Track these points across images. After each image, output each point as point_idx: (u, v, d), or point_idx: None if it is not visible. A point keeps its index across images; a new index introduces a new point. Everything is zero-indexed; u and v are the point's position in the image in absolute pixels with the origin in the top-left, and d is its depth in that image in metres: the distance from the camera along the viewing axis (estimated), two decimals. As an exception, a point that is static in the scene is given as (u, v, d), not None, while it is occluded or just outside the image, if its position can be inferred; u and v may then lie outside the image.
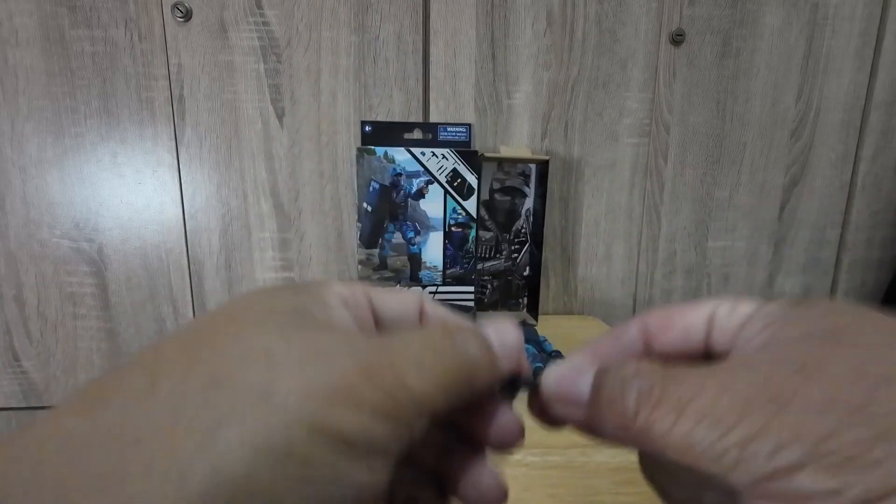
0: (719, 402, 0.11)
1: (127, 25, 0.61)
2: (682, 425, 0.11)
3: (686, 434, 0.11)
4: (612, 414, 0.13)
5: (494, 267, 0.71)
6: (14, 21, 0.60)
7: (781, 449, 0.10)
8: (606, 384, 0.13)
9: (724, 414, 0.11)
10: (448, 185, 0.63)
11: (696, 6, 0.66)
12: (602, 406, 0.13)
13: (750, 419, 0.10)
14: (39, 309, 0.66)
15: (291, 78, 0.64)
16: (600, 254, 0.72)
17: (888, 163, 0.71)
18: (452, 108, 0.66)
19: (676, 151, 0.70)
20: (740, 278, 0.74)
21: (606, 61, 0.67)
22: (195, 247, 0.67)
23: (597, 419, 0.13)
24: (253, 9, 0.62)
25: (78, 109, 0.62)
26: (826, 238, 0.74)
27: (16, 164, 0.63)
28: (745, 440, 0.10)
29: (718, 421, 0.11)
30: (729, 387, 0.11)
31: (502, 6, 0.64)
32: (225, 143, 0.65)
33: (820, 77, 0.69)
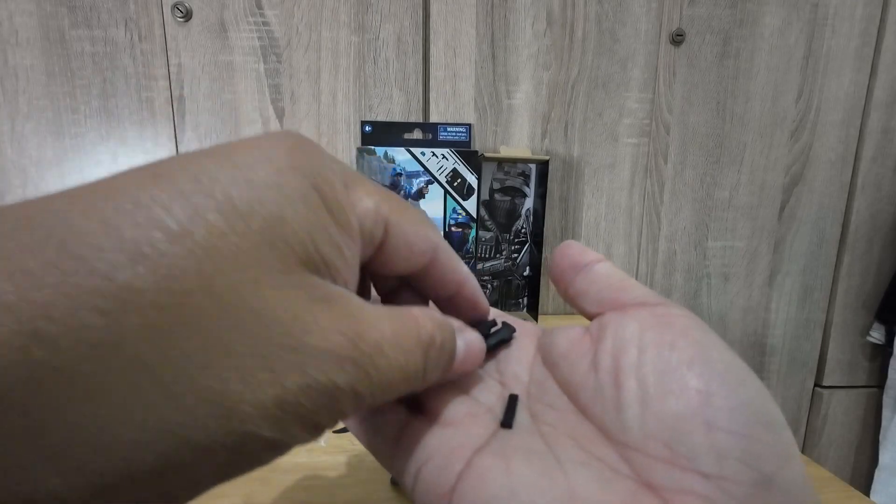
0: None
1: (127, 25, 0.61)
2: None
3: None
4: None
5: (494, 267, 0.71)
6: (14, 21, 0.60)
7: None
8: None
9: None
10: (448, 185, 0.63)
11: (696, 6, 0.66)
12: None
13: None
14: (39, 309, 0.66)
15: (291, 78, 0.64)
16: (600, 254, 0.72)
17: (888, 163, 0.71)
18: (452, 108, 0.66)
19: (676, 151, 0.70)
20: (740, 278, 0.74)
21: (606, 61, 0.67)
22: (195, 247, 0.67)
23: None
24: (253, 9, 0.62)
25: (78, 109, 0.62)
26: (826, 238, 0.74)
27: (16, 164, 0.63)
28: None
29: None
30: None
31: (502, 6, 0.64)
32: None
33: (820, 77, 0.69)
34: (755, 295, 0.75)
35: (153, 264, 0.09)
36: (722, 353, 0.14)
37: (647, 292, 0.16)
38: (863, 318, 0.76)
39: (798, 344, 0.77)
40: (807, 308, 0.76)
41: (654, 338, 0.14)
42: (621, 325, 0.15)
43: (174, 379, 0.09)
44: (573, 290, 0.18)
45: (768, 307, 0.75)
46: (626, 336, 0.15)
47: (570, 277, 0.18)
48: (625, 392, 0.14)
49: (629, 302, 0.16)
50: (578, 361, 0.16)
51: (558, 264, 0.18)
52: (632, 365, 0.14)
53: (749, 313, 0.75)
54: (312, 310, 0.11)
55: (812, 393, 0.79)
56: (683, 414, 0.13)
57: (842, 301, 0.75)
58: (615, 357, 0.15)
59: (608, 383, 0.14)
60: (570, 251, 0.18)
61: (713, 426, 0.12)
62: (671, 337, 0.14)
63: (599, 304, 0.17)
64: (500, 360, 0.19)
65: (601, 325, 0.16)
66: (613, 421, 0.14)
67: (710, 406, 0.12)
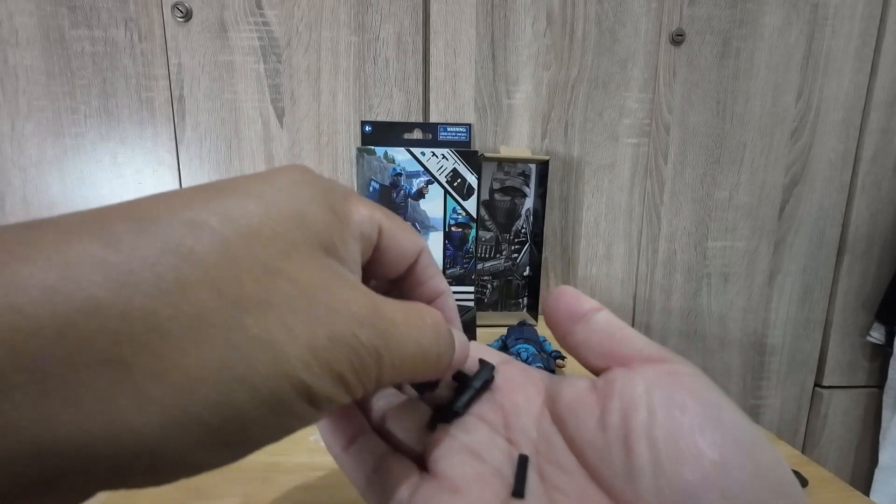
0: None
1: (127, 25, 0.61)
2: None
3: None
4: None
5: (494, 267, 0.71)
6: (14, 21, 0.60)
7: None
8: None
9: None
10: (448, 185, 0.63)
11: (696, 6, 0.66)
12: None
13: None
14: (39, 309, 0.66)
15: (291, 78, 0.64)
16: (600, 254, 0.72)
17: (888, 163, 0.71)
18: (452, 108, 0.66)
19: (676, 151, 0.70)
20: (740, 278, 0.74)
21: (606, 61, 0.67)
22: (195, 247, 0.67)
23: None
24: (253, 9, 0.62)
25: (78, 109, 0.62)
26: (826, 238, 0.74)
27: (16, 164, 0.63)
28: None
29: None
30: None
31: (502, 6, 0.64)
32: (225, 143, 0.65)
33: (820, 77, 0.69)
34: (755, 295, 0.75)
35: (209, 239, 0.12)
36: (733, 415, 0.13)
37: (650, 345, 0.16)
38: (863, 318, 0.76)
39: (798, 344, 0.77)
40: (807, 308, 0.76)
41: (663, 398, 0.14)
42: (629, 383, 0.15)
43: (231, 327, 0.11)
44: (572, 339, 0.18)
45: (768, 307, 0.75)
46: (635, 395, 0.15)
47: (569, 327, 0.18)
48: (636, 458, 0.13)
49: (634, 357, 0.16)
50: (586, 418, 0.16)
51: (555, 312, 0.18)
52: (642, 427, 0.14)
53: (749, 313, 0.75)
54: (337, 282, 0.13)
55: (812, 393, 0.79)
56: (699, 484, 0.12)
57: (842, 301, 0.75)
58: (624, 417, 0.14)
59: (618, 445, 0.14)
60: (567, 298, 0.18)
61: (730, 497, 0.12)
62: (681, 397, 0.14)
63: (602, 356, 0.17)
64: (508, 412, 0.18)
65: (607, 382, 0.16)
66: (625, 488, 0.14)
67: (726, 476, 0.12)
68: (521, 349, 0.49)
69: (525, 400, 0.18)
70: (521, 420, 0.18)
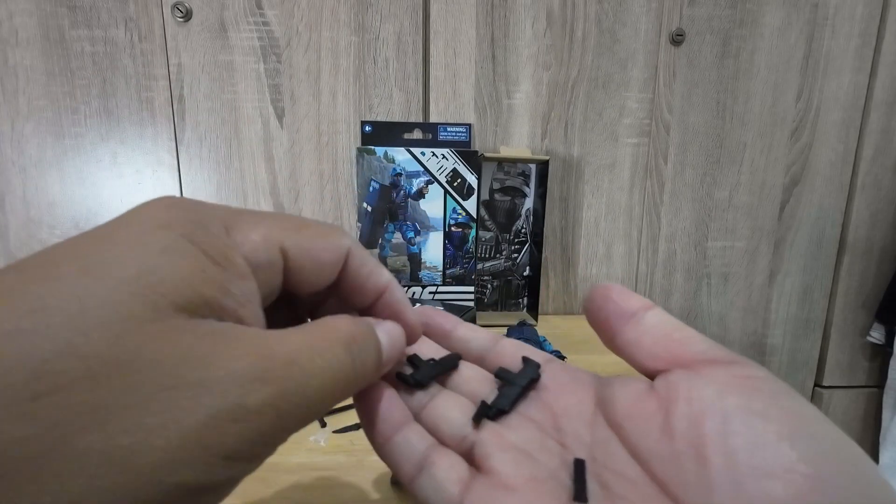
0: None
1: (127, 25, 0.61)
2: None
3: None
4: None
5: (494, 267, 0.71)
6: (14, 21, 0.60)
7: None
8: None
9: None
10: (448, 185, 0.63)
11: (696, 6, 0.66)
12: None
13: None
14: (39, 309, 0.66)
15: (291, 78, 0.64)
16: (600, 254, 0.72)
17: (888, 163, 0.71)
18: (452, 108, 0.66)
19: (676, 151, 0.70)
20: (740, 278, 0.74)
21: (606, 61, 0.67)
22: (195, 247, 0.67)
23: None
24: (253, 9, 0.62)
25: (78, 109, 0.62)
26: (826, 238, 0.74)
27: (16, 164, 0.63)
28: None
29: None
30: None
31: (502, 6, 0.64)
32: (225, 143, 0.65)
33: (820, 77, 0.69)
34: (755, 295, 0.75)
35: (19, 349, 0.09)
36: (825, 427, 0.12)
37: (712, 346, 0.15)
38: (863, 318, 0.76)
39: (798, 344, 0.77)
40: (807, 308, 0.76)
41: (739, 404, 0.13)
42: (696, 387, 0.14)
43: (65, 454, 0.09)
44: (622, 339, 0.16)
45: (768, 307, 0.75)
46: (705, 400, 0.13)
47: (618, 326, 0.17)
48: (711, 470, 0.12)
49: (696, 358, 0.15)
50: (647, 424, 0.14)
51: (601, 310, 0.17)
52: (716, 436, 0.12)
53: (749, 313, 0.75)
54: (202, 346, 0.11)
55: (812, 393, 0.79)
56: (791, 501, 0.11)
57: (842, 301, 0.75)
58: (694, 424, 0.13)
59: (688, 455, 0.13)
60: (613, 295, 0.17)
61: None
62: (761, 404, 0.12)
63: (657, 358, 0.15)
64: (557, 414, 0.17)
65: (669, 385, 0.14)
66: (699, 503, 0.12)
67: (822, 493, 0.11)
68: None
69: (576, 402, 0.17)
70: (573, 423, 0.17)
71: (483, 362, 0.20)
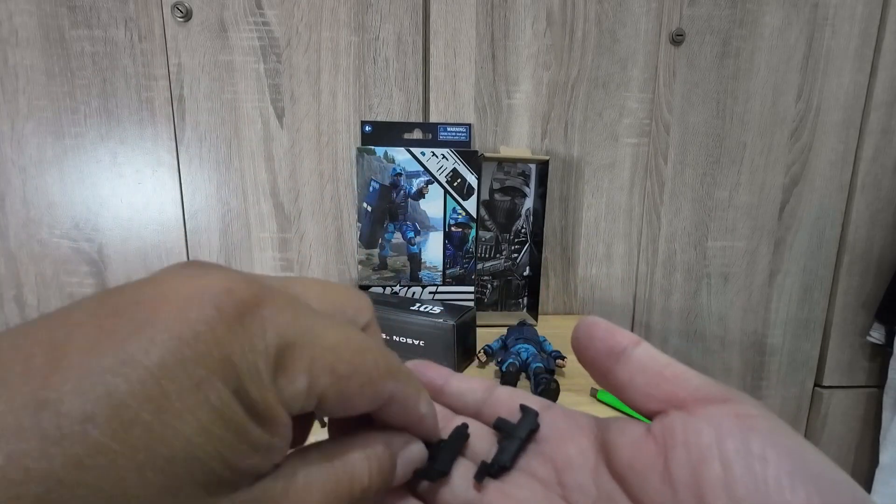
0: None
1: (127, 25, 0.61)
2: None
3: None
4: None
5: (494, 267, 0.71)
6: (14, 21, 0.60)
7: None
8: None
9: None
10: (448, 185, 0.63)
11: (696, 6, 0.66)
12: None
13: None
14: (39, 309, 0.66)
15: (291, 78, 0.64)
16: (600, 254, 0.72)
17: (888, 163, 0.71)
18: (452, 108, 0.66)
19: (676, 151, 0.70)
20: (740, 278, 0.74)
21: (606, 61, 0.67)
22: (195, 247, 0.67)
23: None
24: (253, 9, 0.62)
25: (78, 109, 0.62)
26: (826, 238, 0.74)
27: (16, 164, 0.63)
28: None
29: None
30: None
31: (502, 6, 0.64)
32: (225, 143, 0.65)
33: (820, 77, 0.69)
34: (755, 295, 0.75)
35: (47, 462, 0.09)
36: (822, 464, 0.12)
37: (706, 382, 0.15)
38: (863, 318, 0.76)
39: (798, 344, 0.77)
40: (807, 308, 0.76)
41: (737, 448, 0.12)
42: (693, 431, 0.13)
43: None
44: (614, 380, 0.16)
45: (768, 307, 0.75)
46: (703, 445, 0.13)
47: (608, 366, 0.16)
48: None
49: (690, 397, 0.14)
50: (648, 473, 0.14)
51: (588, 350, 0.17)
52: (717, 483, 0.12)
53: (749, 313, 0.75)
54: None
55: (812, 393, 0.79)
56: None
57: (842, 301, 0.75)
58: (694, 472, 0.13)
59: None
60: (598, 333, 0.16)
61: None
62: (758, 446, 0.12)
63: (652, 398, 0.15)
64: (560, 466, 0.16)
65: (665, 429, 0.14)
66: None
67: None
68: (522, 349, 0.49)
69: (577, 452, 0.16)
70: (577, 476, 0.16)
71: (480, 415, 0.19)
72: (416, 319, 0.50)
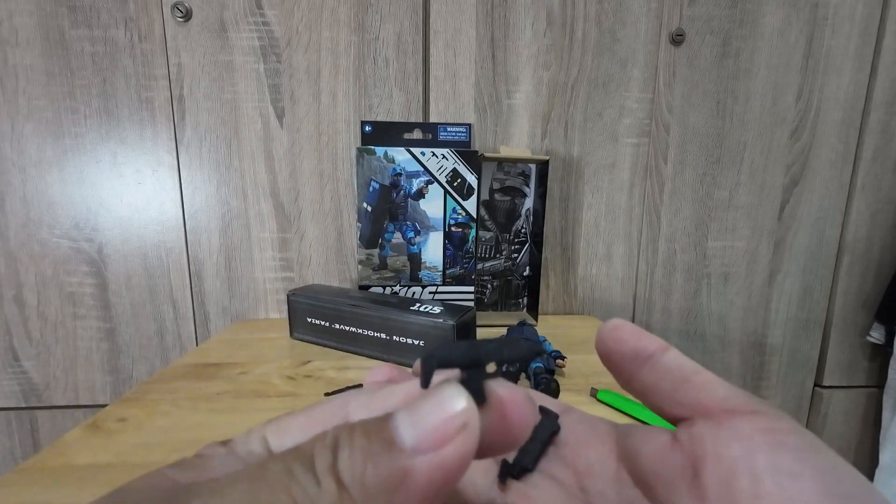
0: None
1: (127, 25, 0.61)
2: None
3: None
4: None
5: (494, 267, 0.71)
6: (14, 21, 0.60)
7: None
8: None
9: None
10: (448, 185, 0.63)
11: (696, 6, 0.66)
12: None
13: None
14: (39, 309, 0.66)
15: (291, 78, 0.64)
16: (600, 254, 0.72)
17: (888, 163, 0.71)
18: (452, 108, 0.66)
19: (676, 151, 0.70)
20: (740, 278, 0.74)
21: (606, 61, 0.67)
22: (195, 247, 0.67)
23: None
24: (253, 9, 0.62)
25: (78, 109, 0.62)
26: (826, 238, 0.74)
27: (16, 164, 0.63)
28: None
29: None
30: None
31: (502, 6, 0.64)
32: (225, 143, 0.65)
33: (820, 77, 0.69)
34: (755, 295, 0.75)
35: None
36: (855, 482, 0.12)
37: (734, 392, 0.14)
38: (863, 318, 0.76)
39: (798, 344, 0.77)
40: (807, 308, 0.76)
41: (767, 463, 0.12)
42: (722, 444, 0.13)
43: None
44: (639, 384, 0.16)
45: (768, 307, 0.75)
46: (733, 458, 0.13)
47: (633, 370, 0.16)
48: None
49: (717, 407, 0.14)
50: (676, 483, 0.14)
51: (614, 353, 0.16)
52: (750, 499, 0.12)
53: (749, 313, 0.75)
54: None
55: (812, 393, 0.79)
56: None
57: (842, 301, 0.75)
58: (724, 485, 0.13)
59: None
60: (625, 336, 0.16)
61: None
62: (790, 462, 0.12)
63: (678, 405, 0.15)
64: (581, 472, 0.16)
65: (693, 439, 0.14)
66: None
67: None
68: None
69: (598, 458, 0.16)
70: (598, 482, 0.16)
71: None
72: (416, 319, 0.50)
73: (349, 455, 0.11)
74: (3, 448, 0.70)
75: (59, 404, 0.69)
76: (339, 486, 0.10)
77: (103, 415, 0.40)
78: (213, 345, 0.57)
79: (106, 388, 0.69)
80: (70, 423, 0.70)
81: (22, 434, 0.70)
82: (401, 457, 0.11)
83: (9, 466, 0.70)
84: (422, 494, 0.10)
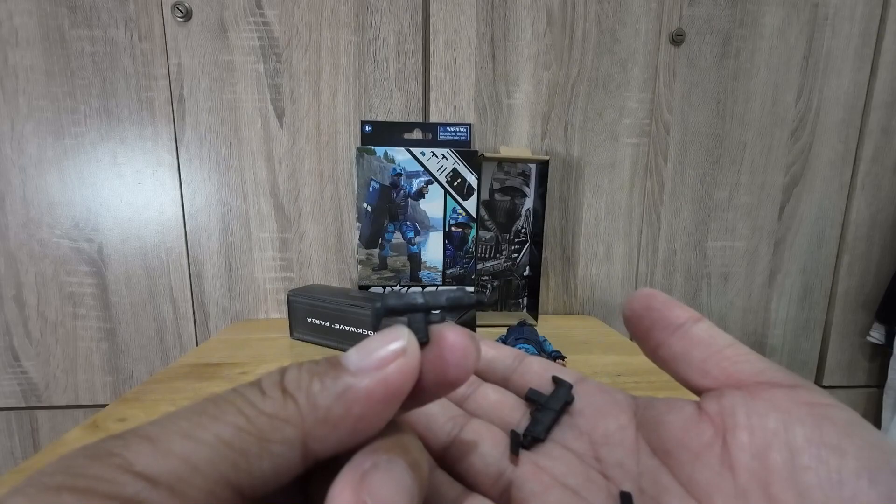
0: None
1: (127, 25, 0.61)
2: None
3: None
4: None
5: (494, 267, 0.71)
6: (14, 21, 0.60)
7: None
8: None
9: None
10: (448, 185, 0.63)
11: (696, 6, 0.66)
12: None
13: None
14: (39, 309, 0.66)
15: (291, 78, 0.64)
16: (600, 254, 0.72)
17: (888, 163, 0.71)
18: (452, 108, 0.66)
19: (676, 151, 0.70)
20: (740, 278, 0.74)
21: (606, 61, 0.67)
22: (195, 247, 0.67)
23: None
24: (253, 9, 0.62)
25: (78, 109, 0.62)
26: (826, 238, 0.74)
27: (16, 164, 0.63)
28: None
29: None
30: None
31: (502, 6, 0.64)
32: (225, 143, 0.65)
33: (820, 77, 0.69)
34: (755, 295, 0.75)
35: None
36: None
37: (770, 365, 0.14)
38: (863, 318, 0.76)
39: (798, 344, 0.77)
40: (807, 308, 0.76)
41: (808, 436, 0.12)
42: (757, 414, 0.13)
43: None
44: (667, 352, 0.15)
45: (768, 307, 0.75)
46: (769, 429, 0.12)
47: (663, 338, 0.16)
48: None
49: (752, 379, 0.14)
50: (703, 453, 0.13)
51: (642, 319, 0.16)
52: (785, 471, 0.11)
53: (749, 313, 0.75)
54: None
55: (812, 393, 0.79)
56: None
57: (842, 301, 0.75)
58: (759, 457, 0.12)
59: (756, 492, 0.12)
60: (656, 304, 0.16)
61: None
62: (834, 437, 0.11)
63: (707, 375, 0.14)
64: (597, 442, 0.16)
65: (723, 409, 0.13)
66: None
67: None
68: (521, 349, 0.49)
69: (616, 428, 0.16)
70: (615, 452, 0.15)
71: (508, 383, 0.19)
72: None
73: (297, 373, 0.12)
74: (3, 448, 0.70)
75: (59, 404, 0.69)
76: (284, 394, 0.11)
77: (103, 415, 0.40)
78: (213, 345, 0.57)
79: (106, 388, 0.69)
80: (70, 423, 0.70)
81: (22, 434, 0.70)
82: (345, 374, 0.11)
83: (9, 466, 0.70)
84: (363, 404, 0.11)
